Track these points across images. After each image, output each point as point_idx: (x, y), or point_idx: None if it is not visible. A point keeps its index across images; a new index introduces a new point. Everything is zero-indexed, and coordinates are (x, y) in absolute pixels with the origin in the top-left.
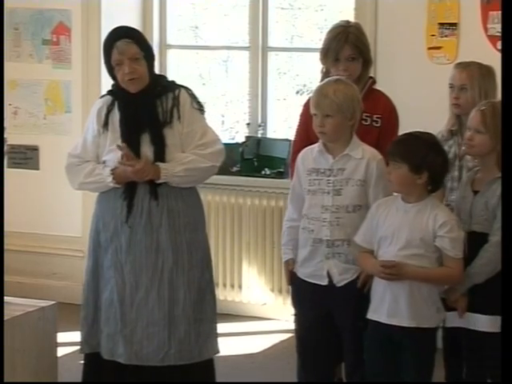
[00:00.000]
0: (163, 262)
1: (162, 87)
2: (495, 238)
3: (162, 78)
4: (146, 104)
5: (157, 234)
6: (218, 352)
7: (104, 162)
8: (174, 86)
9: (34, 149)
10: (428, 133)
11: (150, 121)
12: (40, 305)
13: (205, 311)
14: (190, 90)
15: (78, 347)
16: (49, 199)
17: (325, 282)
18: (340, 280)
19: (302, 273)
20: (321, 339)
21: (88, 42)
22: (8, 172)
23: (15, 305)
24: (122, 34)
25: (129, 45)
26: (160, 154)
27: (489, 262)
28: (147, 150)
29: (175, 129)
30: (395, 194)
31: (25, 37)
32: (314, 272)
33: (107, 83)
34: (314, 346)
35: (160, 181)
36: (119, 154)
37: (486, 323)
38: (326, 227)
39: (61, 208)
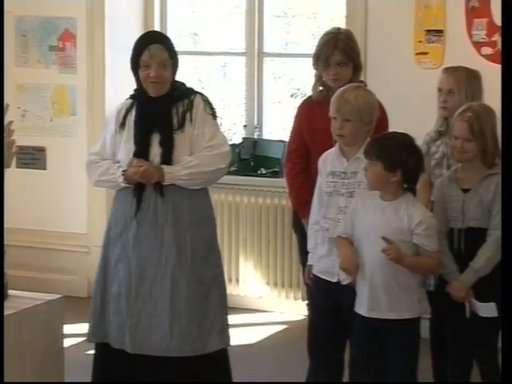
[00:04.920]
0: (167, 256)
1: (180, 93)
2: (496, 232)
3: (182, 84)
4: (161, 107)
5: (161, 230)
6: (223, 346)
7: (118, 162)
8: (190, 93)
9: (42, 150)
10: (403, 133)
11: (162, 123)
12: (47, 298)
13: (209, 306)
14: (205, 96)
15: (83, 338)
16: (55, 198)
17: (335, 279)
18: (345, 279)
19: (317, 269)
20: (330, 333)
21: (93, 48)
22: (16, 172)
23: (24, 298)
24: (156, 38)
25: (161, 50)
26: (167, 156)
27: (493, 256)
28: (156, 150)
29: (186, 131)
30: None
31: (32, 43)
32: (327, 269)
33: (111, 87)
34: (325, 334)
35: (165, 183)
36: (130, 154)
37: (484, 309)
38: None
39: (67, 206)
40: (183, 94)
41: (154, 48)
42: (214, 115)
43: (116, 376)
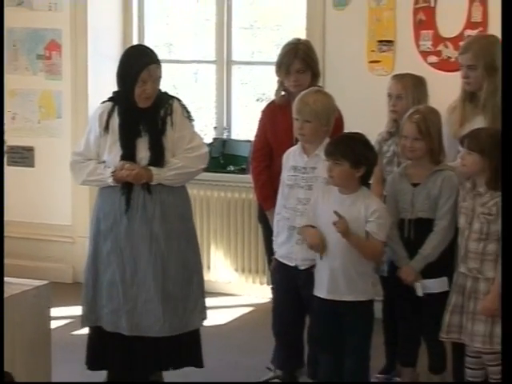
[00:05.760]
0: (157, 247)
1: (158, 98)
2: (441, 222)
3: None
4: (147, 115)
5: (151, 224)
6: (201, 324)
7: (104, 162)
8: (167, 97)
9: (30, 149)
10: (358, 132)
11: (148, 128)
12: (35, 284)
13: (192, 289)
14: (181, 101)
15: (69, 320)
16: (43, 193)
17: (293, 264)
18: (301, 264)
19: (279, 254)
20: (291, 311)
21: (76, 56)
22: (7, 169)
23: (14, 284)
24: (154, 58)
25: (157, 68)
26: (157, 159)
27: (439, 244)
28: (143, 153)
29: (168, 135)
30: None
31: (21, 52)
32: (287, 254)
33: (93, 92)
34: (286, 316)
35: (152, 183)
36: (117, 157)
37: (436, 285)
38: (298, 217)
39: (53, 200)
40: (162, 100)
41: (153, 68)
42: (190, 118)
43: (107, 353)
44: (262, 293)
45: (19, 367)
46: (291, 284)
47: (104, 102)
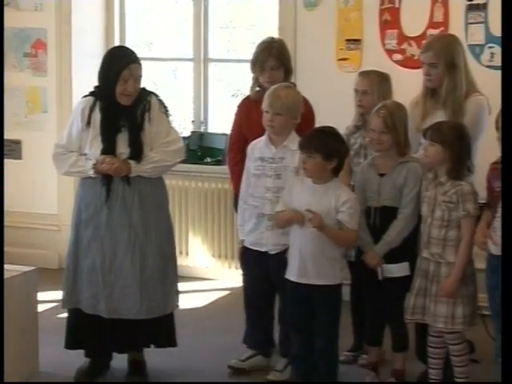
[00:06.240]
0: (135, 235)
1: (138, 95)
2: (405, 210)
3: None
4: (128, 112)
5: (130, 213)
6: (176, 307)
7: (85, 155)
8: (146, 93)
9: (18, 142)
10: (330, 126)
11: (127, 124)
12: (23, 270)
13: (168, 275)
14: (158, 96)
15: (55, 304)
16: (30, 183)
17: (264, 249)
18: (272, 249)
19: (248, 241)
20: (262, 295)
21: (61, 54)
22: None
23: (4, 270)
24: (134, 57)
25: (138, 68)
26: (136, 154)
27: (402, 230)
28: (122, 149)
29: (146, 130)
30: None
31: (9, 50)
32: (257, 241)
33: (77, 88)
34: (258, 299)
35: (131, 175)
36: (98, 151)
37: (397, 270)
38: (267, 204)
39: (40, 190)
40: (140, 95)
41: (134, 67)
42: (166, 113)
43: (85, 334)
44: (237, 277)
45: (8, 349)
46: (262, 270)
47: (85, 96)
